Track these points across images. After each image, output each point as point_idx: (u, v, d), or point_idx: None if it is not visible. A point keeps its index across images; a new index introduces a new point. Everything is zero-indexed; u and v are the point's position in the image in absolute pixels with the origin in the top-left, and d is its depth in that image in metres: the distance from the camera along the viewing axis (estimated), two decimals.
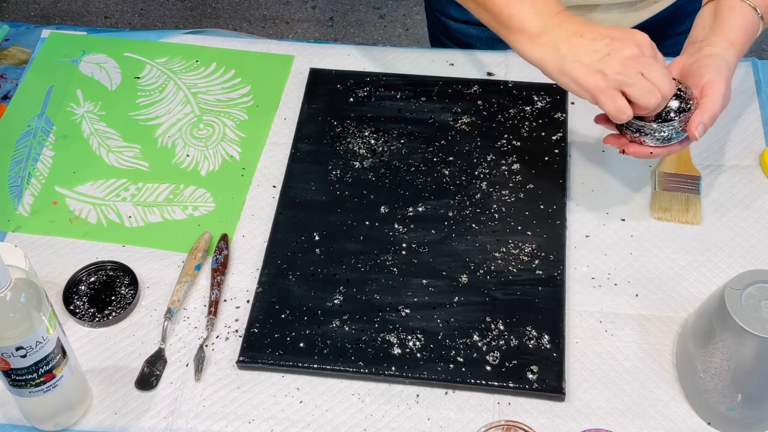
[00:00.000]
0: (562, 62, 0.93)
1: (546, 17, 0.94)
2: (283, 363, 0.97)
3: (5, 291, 0.80)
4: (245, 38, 1.33)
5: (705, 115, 0.94)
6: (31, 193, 1.14)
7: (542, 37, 0.94)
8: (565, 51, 0.92)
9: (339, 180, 1.13)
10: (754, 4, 0.98)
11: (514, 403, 0.95)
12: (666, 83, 0.92)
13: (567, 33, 0.93)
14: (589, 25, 0.93)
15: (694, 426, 0.93)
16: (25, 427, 0.95)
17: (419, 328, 0.99)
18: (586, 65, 0.92)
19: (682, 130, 0.96)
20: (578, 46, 0.92)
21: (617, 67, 0.90)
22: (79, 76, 1.27)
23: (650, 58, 0.92)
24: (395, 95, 1.21)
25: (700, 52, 0.98)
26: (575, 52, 0.92)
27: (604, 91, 0.92)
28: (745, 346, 0.85)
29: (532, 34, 0.94)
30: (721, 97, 0.94)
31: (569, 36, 0.93)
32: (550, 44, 0.93)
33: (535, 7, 0.94)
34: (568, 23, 0.94)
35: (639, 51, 0.91)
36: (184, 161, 1.17)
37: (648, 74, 0.91)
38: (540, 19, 0.94)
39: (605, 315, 1.01)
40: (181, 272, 1.05)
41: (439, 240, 1.06)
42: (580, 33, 0.92)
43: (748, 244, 1.06)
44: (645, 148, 0.97)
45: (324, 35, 2.60)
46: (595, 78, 0.91)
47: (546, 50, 0.94)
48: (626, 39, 0.91)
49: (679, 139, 0.96)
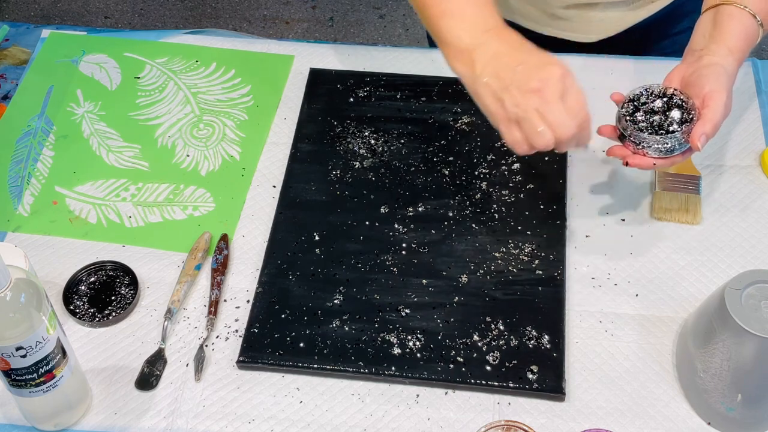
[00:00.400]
0: (475, 82, 0.91)
1: (474, 34, 0.91)
2: (283, 363, 0.97)
3: (5, 291, 0.80)
4: (245, 38, 1.33)
5: (707, 126, 0.94)
6: (31, 193, 1.14)
7: (465, 54, 0.91)
8: (479, 72, 0.90)
9: (339, 180, 1.13)
10: (753, 11, 0.98)
11: (514, 403, 0.95)
12: (559, 128, 0.88)
13: (488, 53, 0.90)
14: (515, 47, 0.90)
15: (694, 426, 0.93)
16: (25, 427, 0.95)
17: (419, 328, 0.99)
18: (493, 91, 0.89)
19: (685, 141, 0.96)
20: (491, 69, 0.89)
21: (516, 98, 0.88)
22: (79, 76, 1.27)
23: (553, 96, 0.88)
24: (395, 95, 1.21)
25: (700, 61, 0.97)
26: (487, 75, 0.89)
27: (502, 120, 0.90)
28: (745, 346, 0.85)
29: (457, 50, 0.92)
30: (723, 107, 0.94)
31: (488, 57, 0.90)
32: (470, 63, 0.91)
33: (465, 23, 0.92)
34: (494, 42, 0.91)
35: (542, 86, 0.87)
36: (184, 161, 1.17)
37: (544, 113, 0.88)
38: (467, 35, 0.91)
39: (605, 315, 1.01)
40: (181, 272, 1.05)
41: (439, 240, 1.06)
42: (499, 56, 0.89)
43: (748, 244, 1.06)
44: (648, 160, 0.97)
45: (324, 35, 2.60)
46: (495, 105, 0.89)
47: (465, 68, 0.92)
48: (537, 69, 0.88)
49: (681, 150, 0.96)
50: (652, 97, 0.98)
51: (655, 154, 0.96)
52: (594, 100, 1.20)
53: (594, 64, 1.24)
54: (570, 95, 0.89)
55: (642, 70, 1.23)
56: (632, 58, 1.24)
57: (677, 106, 0.96)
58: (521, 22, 1.26)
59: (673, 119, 0.96)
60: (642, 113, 0.97)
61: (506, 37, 0.91)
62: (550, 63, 0.89)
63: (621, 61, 1.24)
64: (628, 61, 1.24)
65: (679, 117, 0.96)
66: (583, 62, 1.24)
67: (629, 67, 1.23)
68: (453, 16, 0.92)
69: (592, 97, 1.20)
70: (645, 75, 1.22)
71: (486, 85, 0.90)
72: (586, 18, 1.20)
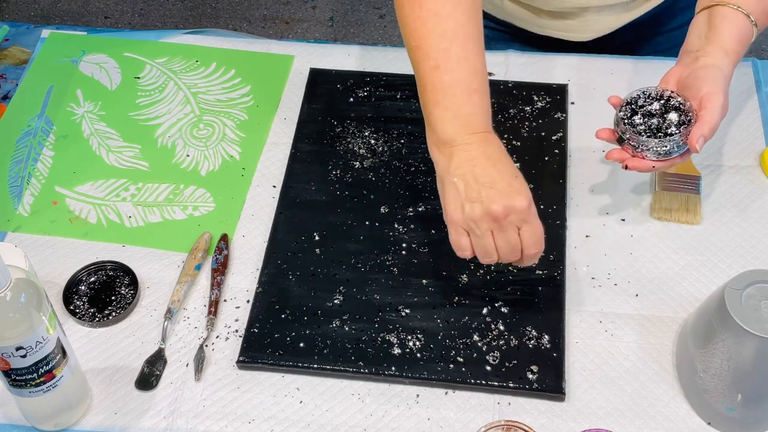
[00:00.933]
0: (444, 176, 0.92)
1: (461, 133, 0.92)
2: (283, 363, 0.97)
3: (5, 291, 0.80)
4: (245, 38, 1.33)
5: (705, 128, 0.94)
6: (31, 193, 1.14)
7: (446, 147, 0.93)
8: (453, 169, 0.91)
9: (339, 180, 1.13)
10: (747, 12, 0.98)
11: (514, 403, 0.95)
12: (504, 253, 0.91)
13: (466, 156, 0.91)
14: (491, 160, 0.91)
15: (694, 426, 0.93)
16: (25, 427, 0.95)
17: (419, 328, 0.99)
18: (456, 194, 0.91)
19: (683, 143, 0.96)
20: (463, 173, 0.91)
21: (476, 214, 0.90)
22: (79, 76, 1.27)
23: (509, 225, 0.90)
24: (395, 95, 1.21)
25: (696, 63, 0.98)
26: (458, 176, 0.91)
27: (455, 224, 0.92)
28: (745, 346, 0.85)
29: (440, 139, 0.93)
30: (720, 108, 0.94)
31: (465, 159, 0.91)
32: (447, 155, 0.92)
33: (458, 120, 0.93)
34: (475, 148, 0.92)
35: (503, 213, 0.89)
36: (184, 161, 1.17)
37: (496, 237, 0.91)
38: (454, 131, 0.93)
39: (605, 315, 1.01)
40: (181, 272, 1.05)
41: (439, 240, 1.06)
42: (476, 164, 0.91)
43: (748, 244, 1.06)
44: (647, 163, 0.97)
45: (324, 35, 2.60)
46: (455, 209, 0.91)
47: (441, 158, 0.93)
48: (504, 196, 0.89)
49: (680, 152, 0.97)
50: (650, 100, 0.98)
51: (653, 157, 0.97)
52: (593, 100, 1.21)
53: (593, 64, 1.24)
54: (527, 227, 0.91)
55: (641, 70, 1.23)
56: (631, 58, 1.24)
57: (674, 108, 0.97)
58: (515, 22, 1.27)
59: (671, 122, 0.96)
60: (640, 116, 0.97)
61: (489, 146, 0.93)
62: (517, 192, 0.90)
63: (620, 61, 1.24)
64: (626, 60, 1.24)
65: (677, 119, 0.96)
66: (581, 62, 1.24)
67: (628, 67, 1.23)
68: (447, 109, 0.93)
69: (591, 97, 1.21)
70: (644, 75, 1.22)
71: (453, 184, 0.91)
72: (580, 19, 1.20)
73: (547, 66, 1.24)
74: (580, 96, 1.21)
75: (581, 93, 1.21)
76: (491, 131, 0.94)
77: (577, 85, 1.22)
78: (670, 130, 0.96)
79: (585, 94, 1.21)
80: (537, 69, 1.24)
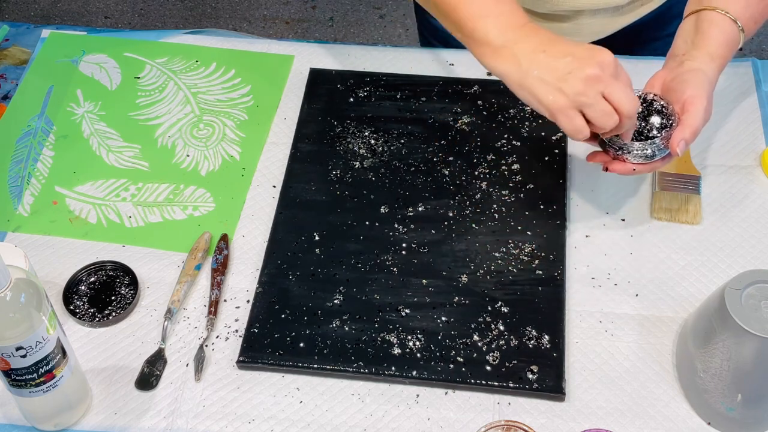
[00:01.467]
0: (524, 77, 0.91)
1: (509, 31, 0.92)
2: (283, 363, 0.97)
3: (5, 291, 0.80)
4: (245, 38, 1.33)
5: (686, 132, 0.94)
6: (31, 193, 1.14)
7: (505, 51, 0.92)
8: (527, 66, 0.91)
9: (339, 180, 1.13)
10: (734, 17, 0.98)
11: (514, 403, 0.95)
12: (626, 104, 0.89)
13: (530, 48, 0.91)
14: (553, 41, 0.91)
15: (694, 426, 0.93)
16: (25, 427, 0.95)
17: (419, 328, 0.99)
18: (547, 82, 0.90)
19: (665, 147, 0.96)
20: (540, 62, 0.90)
21: (578, 86, 0.89)
22: (79, 76, 1.27)
23: (611, 78, 0.89)
24: (395, 95, 1.21)
25: (681, 67, 0.98)
26: (537, 68, 0.90)
27: (562, 110, 0.90)
28: (745, 346, 0.85)
29: (496, 47, 0.92)
30: (703, 112, 0.94)
31: (531, 51, 0.91)
32: (512, 58, 0.91)
33: (499, 21, 0.93)
34: (532, 37, 0.92)
35: (600, 70, 0.88)
36: (184, 161, 1.17)
37: (609, 95, 0.89)
38: (503, 32, 0.92)
39: (605, 315, 1.01)
40: (181, 272, 1.05)
41: (439, 240, 1.06)
42: (543, 48, 0.90)
43: (748, 244, 1.06)
44: (628, 166, 0.97)
45: (324, 35, 2.60)
46: (555, 96, 0.90)
47: (508, 64, 0.92)
48: (589, 57, 0.89)
49: (661, 156, 0.97)
50: None
51: (635, 160, 0.97)
52: None
53: None
54: (622, 74, 0.91)
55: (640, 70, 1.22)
56: (630, 58, 1.24)
57: (657, 111, 0.97)
58: None
59: (652, 125, 0.96)
60: None
61: (540, 32, 0.92)
62: (597, 50, 0.90)
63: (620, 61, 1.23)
64: (626, 60, 1.23)
65: (659, 123, 0.96)
66: None
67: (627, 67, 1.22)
68: (486, 16, 0.93)
69: None
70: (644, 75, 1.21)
71: (538, 78, 0.90)
72: (574, 22, 1.21)
73: None
74: None
75: None
76: (534, 22, 0.94)
77: None
78: (651, 133, 0.96)
79: None
80: None
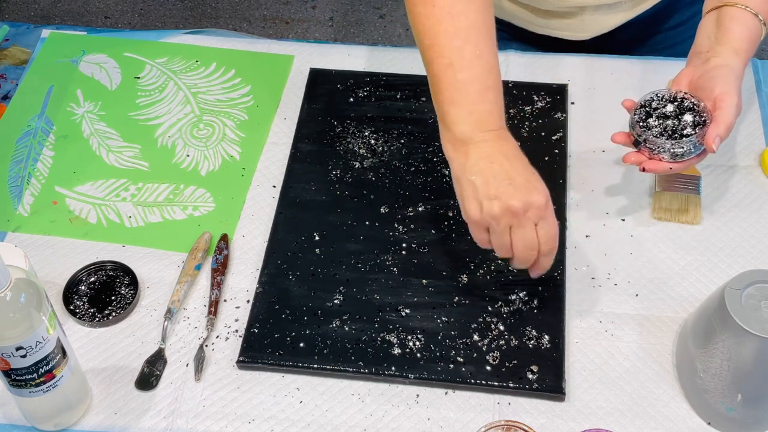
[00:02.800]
0: (462, 175, 0.93)
1: (477, 130, 0.93)
2: (283, 363, 0.97)
3: (5, 291, 0.80)
4: (245, 38, 1.33)
5: (721, 128, 0.94)
6: (31, 193, 1.14)
7: (462, 145, 0.93)
8: (469, 167, 0.92)
9: (339, 180, 1.13)
10: (755, 11, 0.98)
11: (514, 403, 0.95)
12: (524, 251, 0.92)
13: (483, 153, 0.92)
14: (507, 157, 0.92)
15: (694, 426, 0.93)
16: (25, 427, 0.95)
17: (419, 328, 0.99)
18: (475, 191, 0.91)
19: (700, 144, 0.96)
20: (482, 171, 0.91)
21: (494, 211, 0.90)
22: (79, 76, 1.27)
23: (527, 222, 0.91)
24: (395, 95, 1.21)
25: (707, 64, 0.98)
26: (476, 175, 0.91)
27: (474, 222, 0.93)
28: (745, 346, 0.85)
29: (455, 138, 0.93)
30: (735, 108, 0.95)
31: (483, 157, 0.92)
32: (464, 155, 0.93)
33: (472, 117, 0.93)
34: (491, 145, 0.92)
35: (522, 209, 0.90)
36: (184, 161, 1.17)
37: (514, 233, 0.91)
38: (470, 129, 0.93)
39: (605, 315, 1.01)
40: (181, 272, 1.05)
41: (439, 240, 1.06)
42: (492, 161, 0.91)
43: (748, 244, 1.06)
44: (664, 164, 0.97)
45: (324, 35, 2.60)
46: (473, 207, 0.92)
47: (458, 156, 0.93)
48: (522, 191, 0.90)
49: (696, 153, 0.97)
50: (663, 102, 0.98)
51: (670, 158, 0.97)
52: (593, 100, 1.21)
53: (593, 64, 1.24)
54: (544, 224, 0.91)
55: (641, 70, 1.23)
56: (631, 58, 1.24)
57: (689, 109, 0.97)
58: (514, 21, 1.27)
59: (686, 123, 0.96)
60: (654, 118, 0.97)
61: (505, 143, 0.93)
62: (535, 189, 0.91)
63: (620, 60, 1.24)
64: (626, 60, 1.24)
65: (692, 120, 0.96)
66: (581, 62, 1.24)
67: (628, 67, 1.23)
68: (462, 107, 0.93)
69: (591, 97, 1.21)
70: (644, 75, 1.22)
71: (471, 182, 0.92)
72: (578, 18, 1.21)
73: (547, 66, 1.24)
74: (580, 96, 1.21)
75: (581, 93, 1.21)
76: (505, 128, 0.94)
77: (577, 85, 1.22)
78: (686, 131, 0.96)
79: (585, 94, 1.21)
80: (537, 69, 1.24)
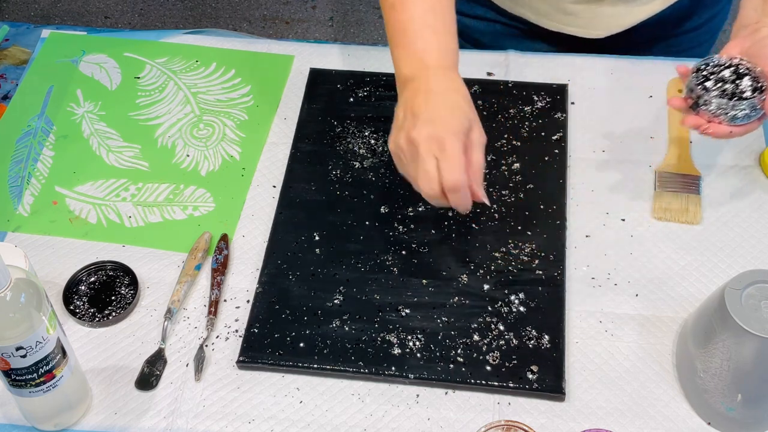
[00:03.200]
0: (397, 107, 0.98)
1: (415, 69, 0.98)
2: (283, 363, 0.97)
3: (5, 291, 0.80)
4: (245, 38, 1.33)
5: None
6: (31, 193, 1.14)
7: (403, 84, 0.99)
8: (399, 103, 0.98)
9: (339, 180, 1.13)
10: None
11: (514, 403, 0.95)
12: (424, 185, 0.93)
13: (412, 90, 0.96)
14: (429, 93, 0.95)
15: (694, 426, 0.93)
16: (25, 427, 0.95)
17: (419, 328, 0.99)
18: (395, 124, 0.97)
19: (760, 107, 0.96)
20: (402, 104, 0.97)
21: (400, 141, 0.94)
22: (79, 76, 1.27)
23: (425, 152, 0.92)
24: (395, 95, 1.21)
25: (758, 33, 0.99)
26: (399, 108, 0.97)
27: (392, 153, 0.97)
28: (745, 346, 0.85)
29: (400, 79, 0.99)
30: None
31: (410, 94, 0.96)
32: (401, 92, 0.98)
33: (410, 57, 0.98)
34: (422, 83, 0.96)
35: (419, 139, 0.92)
36: (184, 161, 1.17)
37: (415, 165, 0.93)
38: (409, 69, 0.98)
39: (605, 315, 1.01)
40: (181, 272, 1.05)
41: (439, 240, 1.06)
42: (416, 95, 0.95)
43: (748, 244, 1.06)
44: (724, 128, 0.97)
45: (324, 35, 2.60)
46: (390, 138, 0.97)
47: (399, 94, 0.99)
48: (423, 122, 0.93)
49: (757, 117, 0.97)
50: (720, 68, 0.98)
51: (730, 122, 0.96)
52: (593, 100, 1.21)
53: (593, 64, 1.24)
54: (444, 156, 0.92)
55: (641, 70, 1.23)
56: (632, 58, 1.24)
57: (746, 74, 0.97)
58: (528, 16, 1.26)
59: (745, 87, 0.96)
60: (712, 82, 0.97)
61: (438, 81, 0.97)
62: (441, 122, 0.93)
63: (620, 60, 1.24)
64: (627, 60, 1.24)
65: (751, 85, 0.96)
66: (582, 62, 1.24)
67: (628, 67, 1.23)
68: (401, 47, 0.99)
69: (591, 97, 1.21)
70: (644, 75, 1.22)
71: (396, 117, 0.97)
72: (595, 13, 1.20)
73: (547, 66, 1.24)
74: (580, 96, 1.21)
75: (581, 93, 1.21)
76: (450, 68, 0.98)
77: (577, 85, 1.22)
78: (745, 94, 0.96)
79: (585, 94, 1.21)
80: (537, 69, 1.24)
